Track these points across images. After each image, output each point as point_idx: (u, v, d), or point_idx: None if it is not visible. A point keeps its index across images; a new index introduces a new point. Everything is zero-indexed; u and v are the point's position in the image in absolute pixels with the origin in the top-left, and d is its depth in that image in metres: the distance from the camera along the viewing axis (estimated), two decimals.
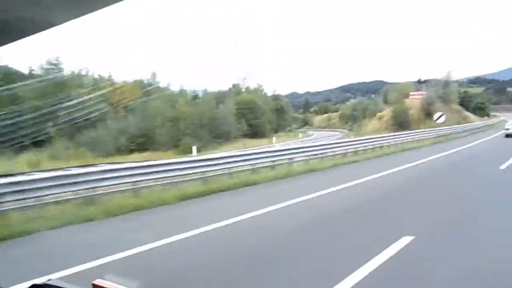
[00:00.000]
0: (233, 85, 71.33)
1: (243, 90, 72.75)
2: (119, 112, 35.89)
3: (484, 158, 16.92)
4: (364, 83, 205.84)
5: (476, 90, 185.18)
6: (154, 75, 54.51)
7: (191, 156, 22.06)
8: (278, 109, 77.89)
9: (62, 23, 1.00)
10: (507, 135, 29.73)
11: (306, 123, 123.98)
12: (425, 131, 29.63)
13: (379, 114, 51.63)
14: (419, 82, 55.92)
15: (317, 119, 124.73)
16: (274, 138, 43.74)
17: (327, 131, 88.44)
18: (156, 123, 33.56)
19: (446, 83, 53.01)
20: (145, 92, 42.27)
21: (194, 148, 27.29)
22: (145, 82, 50.07)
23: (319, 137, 64.04)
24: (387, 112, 49.61)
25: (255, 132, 57.94)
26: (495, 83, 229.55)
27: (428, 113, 47.18)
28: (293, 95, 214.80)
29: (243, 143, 43.93)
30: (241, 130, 52.78)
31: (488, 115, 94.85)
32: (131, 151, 28.69)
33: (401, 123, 43.62)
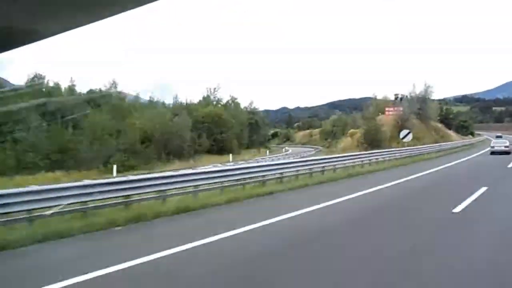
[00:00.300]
0: (203, 97, 67.21)
1: (215, 102, 68.62)
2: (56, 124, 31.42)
3: (440, 192, 12.68)
4: (354, 99, 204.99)
5: (462, 108, 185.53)
6: (114, 83, 50.19)
7: (107, 178, 17.62)
8: (252, 123, 73.78)
9: (55, 34, 1.07)
10: (492, 152, 30.51)
11: (288, 138, 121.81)
12: (392, 151, 25.64)
13: (351, 131, 47.76)
14: (395, 98, 52.24)
15: (299, 135, 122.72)
16: (230, 156, 39.42)
17: (303, 147, 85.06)
18: (87, 137, 29.06)
19: (423, 99, 49.42)
20: (90, 102, 37.73)
21: (114, 168, 22.87)
22: (98, 91, 45.67)
23: (292, 153, 60.23)
24: (360, 129, 45.76)
25: (220, 148, 53.59)
26: (481, 102, 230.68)
27: (402, 131, 43.45)
28: (283, 110, 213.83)
29: (198, 160, 39.57)
30: (203, 146, 48.39)
31: (472, 134, 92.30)
32: (41, 169, 24.19)
33: (372, 141, 39.66)
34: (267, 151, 52.62)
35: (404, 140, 25.88)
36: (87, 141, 28.44)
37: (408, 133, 25.83)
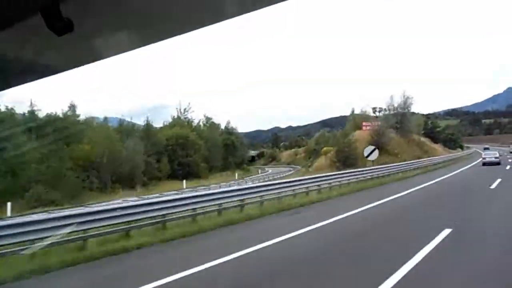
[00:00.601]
0: (172, 118, 62.87)
1: (187, 123, 64.32)
2: None
3: (372, 248, 8.17)
4: (345, 116, 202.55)
5: (452, 122, 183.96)
6: (73, 107, 45.40)
7: None
8: (228, 145, 69.49)
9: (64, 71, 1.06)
10: (484, 163, 32.26)
11: (273, 158, 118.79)
12: (356, 171, 21.46)
13: (324, 149, 43.59)
14: (374, 111, 48.55)
15: (285, 154, 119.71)
16: (184, 182, 34.95)
17: (286, 167, 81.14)
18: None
19: (402, 112, 45.65)
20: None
21: (8, 206, 18.31)
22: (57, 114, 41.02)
23: (269, 174, 55.93)
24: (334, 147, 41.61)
25: (186, 172, 49.01)
26: (470, 115, 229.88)
27: (378, 146, 39.38)
28: (275, 130, 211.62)
29: (151, 188, 35.06)
30: (163, 171, 43.85)
31: (461, 147, 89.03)
32: None
33: (346, 159, 35.52)
34: (236, 175, 48.21)
35: (369, 158, 21.71)
36: None
37: (374, 150, 21.63)
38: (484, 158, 33.93)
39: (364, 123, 44.66)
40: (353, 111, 52.83)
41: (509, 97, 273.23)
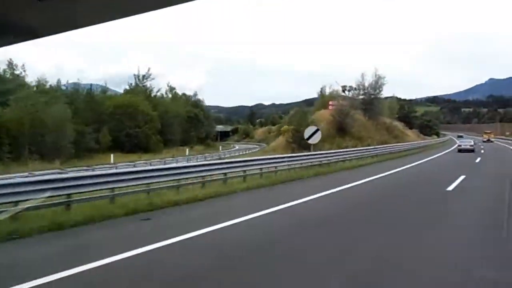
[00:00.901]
0: (129, 85, 57.28)
1: (149, 92, 58.94)
2: None
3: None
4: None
5: (433, 108, 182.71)
6: (11, 64, 39.37)
7: None
8: (191, 117, 64.63)
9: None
10: (459, 150, 34.10)
11: (247, 135, 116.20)
12: (307, 155, 17.44)
13: (283, 128, 39.47)
14: (343, 90, 44.21)
15: (259, 131, 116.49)
16: (112, 156, 30.37)
17: (253, 144, 77.91)
18: None
19: (373, 92, 41.55)
20: None
21: None
22: None
23: (232, 151, 52.10)
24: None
25: (134, 145, 44.34)
26: (452, 103, 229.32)
27: (341, 128, 35.53)
28: (258, 106, 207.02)
29: (76, 162, 30.38)
30: (102, 143, 38.99)
31: (437, 134, 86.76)
32: None
33: (301, 140, 31.41)
34: (187, 151, 43.77)
35: (310, 141, 17.56)
36: None
37: (316, 131, 17.39)
38: (460, 146, 35.84)
39: (330, 102, 40.53)
40: (322, 89, 48.51)
41: (490, 88, 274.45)
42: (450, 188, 12.04)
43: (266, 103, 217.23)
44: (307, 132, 17.81)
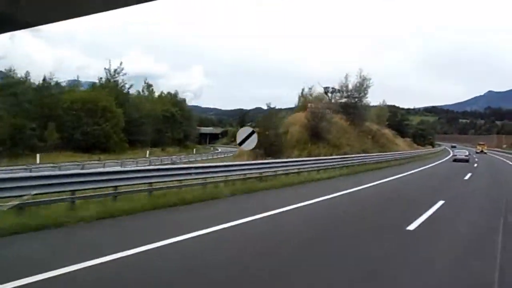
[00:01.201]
0: (99, 80, 52.80)
1: (124, 88, 54.58)
2: None
3: None
4: None
5: (430, 118, 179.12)
6: None
7: None
8: (167, 117, 60.21)
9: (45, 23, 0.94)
10: (454, 160, 35.07)
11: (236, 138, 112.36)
12: (251, 164, 13.22)
13: (257, 131, 35.07)
14: (325, 92, 40.07)
15: None
16: (38, 157, 26.07)
17: (235, 147, 73.58)
18: None
19: (357, 94, 37.32)
20: None
21: None
22: None
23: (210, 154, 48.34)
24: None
25: (92, 145, 39.95)
26: (450, 113, 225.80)
27: (315, 133, 31.23)
28: (257, 110, 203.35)
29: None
30: (49, 140, 34.58)
31: (432, 144, 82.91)
32: None
33: (269, 145, 27.22)
34: (148, 152, 39.45)
35: (243, 146, 13.33)
36: None
37: (251, 133, 13.08)
38: (455, 155, 37.55)
39: (309, 104, 36.31)
40: (302, 91, 44.21)
41: (489, 100, 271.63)
42: (414, 225, 7.74)
43: (265, 106, 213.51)
44: (239, 136, 13.53)
